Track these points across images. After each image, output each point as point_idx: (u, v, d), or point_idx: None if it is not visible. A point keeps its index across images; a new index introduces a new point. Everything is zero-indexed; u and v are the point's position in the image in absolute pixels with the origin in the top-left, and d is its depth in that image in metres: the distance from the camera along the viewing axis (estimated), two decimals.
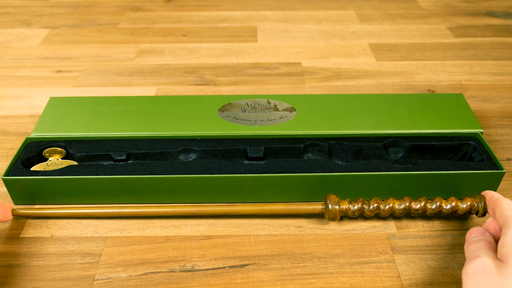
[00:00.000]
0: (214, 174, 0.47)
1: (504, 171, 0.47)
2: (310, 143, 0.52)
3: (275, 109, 0.55)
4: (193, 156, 0.52)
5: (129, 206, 0.49)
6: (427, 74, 0.73)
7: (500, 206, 0.38)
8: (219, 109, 0.56)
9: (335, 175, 0.47)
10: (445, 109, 0.56)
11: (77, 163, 0.50)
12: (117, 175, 0.47)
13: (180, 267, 0.43)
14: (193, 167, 0.48)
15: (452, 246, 0.45)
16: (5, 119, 0.63)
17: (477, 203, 0.44)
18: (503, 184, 0.52)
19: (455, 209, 0.45)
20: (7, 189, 0.48)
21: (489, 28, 0.87)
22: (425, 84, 0.70)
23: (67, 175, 0.47)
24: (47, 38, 0.84)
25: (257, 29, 0.87)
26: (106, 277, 0.42)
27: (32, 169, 0.49)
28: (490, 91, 0.69)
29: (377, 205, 0.45)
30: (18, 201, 0.49)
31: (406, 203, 0.45)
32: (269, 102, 0.57)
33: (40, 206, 0.49)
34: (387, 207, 0.45)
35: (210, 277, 0.42)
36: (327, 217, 0.45)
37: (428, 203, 0.45)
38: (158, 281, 0.42)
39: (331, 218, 0.45)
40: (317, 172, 0.48)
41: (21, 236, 0.46)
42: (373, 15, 0.93)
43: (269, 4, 0.98)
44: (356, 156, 0.51)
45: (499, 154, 0.56)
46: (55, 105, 0.57)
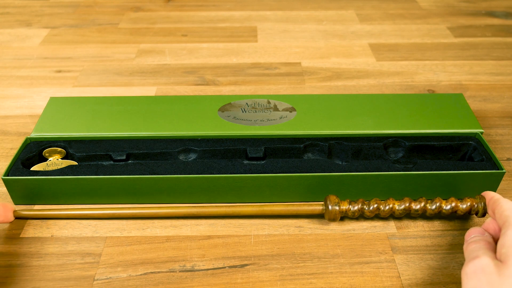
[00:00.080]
0: (214, 174, 0.47)
1: (504, 171, 0.47)
2: (310, 143, 0.52)
3: (275, 109, 0.55)
4: (193, 156, 0.52)
5: (129, 207, 0.49)
6: (427, 74, 0.73)
7: (500, 206, 0.38)
8: (219, 109, 0.56)
9: (335, 175, 0.47)
10: (445, 109, 0.56)
11: (77, 163, 0.50)
12: (117, 175, 0.47)
13: (180, 267, 0.43)
14: (193, 167, 0.48)
15: (452, 246, 0.45)
16: (5, 119, 0.63)
17: (477, 204, 0.44)
18: (503, 184, 0.52)
19: (455, 210, 0.45)
20: (7, 189, 0.48)
21: (489, 28, 0.87)
22: (425, 84, 0.70)
23: (67, 175, 0.47)
24: (47, 38, 0.84)
25: (257, 29, 0.87)
26: (106, 277, 0.42)
27: (32, 169, 0.49)
28: (490, 91, 0.69)
29: (377, 205, 0.45)
30: (18, 201, 0.49)
31: (406, 203, 0.45)
32: (269, 102, 0.57)
33: (41, 207, 0.49)
34: (387, 208, 0.45)
35: (210, 277, 0.42)
36: (327, 217, 0.45)
37: (428, 203, 0.45)
38: (158, 281, 0.42)
39: (331, 219, 0.45)
40: (317, 172, 0.48)
41: (21, 236, 0.46)
42: (373, 15, 0.93)
43: (269, 4, 0.98)
44: (356, 156, 0.51)
45: (499, 154, 0.56)
46: (55, 105, 0.57)
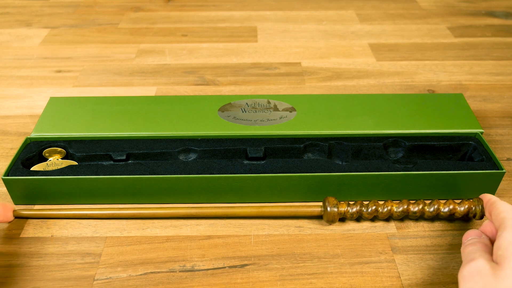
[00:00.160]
0: (214, 174, 0.47)
1: (504, 171, 0.47)
2: (310, 143, 0.52)
3: (275, 109, 0.55)
4: (193, 156, 0.52)
5: (129, 207, 0.49)
6: (427, 74, 0.73)
7: (497, 208, 0.38)
8: (219, 109, 0.56)
9: (335, 175, 0.47)
10: (445, 109, 0.56)
11: (77, 163, 0.50)
12: (117, 175, 0.47)
13: (180, 267, 0.43)
14: (193, 167, 0.48)
15: (452, 246, 0.45)
16: (5, 119, 0.63)
17: (474, 206, 0.44)
18: (503, 184, 0.52)
19: (453, 212, 0.45)
20: (7, 189, 0.48)
21: (489, 28, 0.87)
22: (425, 84, 0.70)
23: (67, 175, 0.47)
24: (47, 38, 0.84)
25: (257, 29, 0.87)
26: (106, 277, 0.42)
27: (32, 169, 0.49)
28: (490, 91, 0.69)
29: (375, 207, 0.45)
30: (18, 201, 0.49)
31: (404, 206, 0.45)
32: (269, 102, 0.57)
33: (40, 207, 0.49)
34: (385, 210, 0.45)
35: (210, 277, 0.42)
36: (325, 219, 0.45)
37: (426, 206, 0.45)
38: (158, 281, 0.42)
39: (329, 221, 0.45)
40: (317, 172, 0.48)
41: (21, 236, 0.46)
42: (373, 15, 0.93)
43: (269, 4, 0.98)
44: (356, 156, 0.51)
45: (499, 154, 0.56)
46: (55, 105, 0.57)
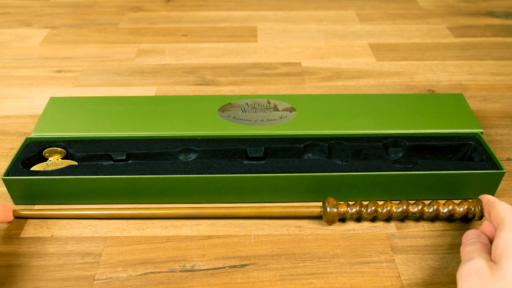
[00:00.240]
0: (214, 174, 0.47)
1: (504, 171, 0.47)
2: (310, 143, 0.52)
3: (275, 109, 0.55)
4: (193, 156, 0.52)
5: (129, 207, 0.49)
6: (427, 74, 0.73)
7: (496, 208, 0.38)
8: (219, 109, 0.56)
9: (335, 175, 0.47)
10: (445, 109, 0.56)
11: (77, 163, 0.50)
12: (117, 175, 0.47)
13: (180, 267, 0.43)
14: (193, 167, 0.48)
15: (452, 246, 0.45)
16: (5, 119, 0.63)
17: (474, 207, 0.44)
18: (503, 184, 0.52)
19: (452, 213, 0.45)
20: (7, 189, 0.48)
21: (489, 28, 0.87)
22: (425, 84, 0.70)
23: (67, 175, 0.47)
24: (47, 38, 0.84)
25: (257, 29, 0.87)
26: (106, 277, 0.42)
27: (32, 169, 0.49)
28: (490, 91, 0.69)
29: (375, 208, 0.45)
30: (18, 201, 0.49)
31: (404, 206, 0.45)
32: (269, 102, 0.57)
33: (40, 207, 0.49)
34: (384, 211, 0.45)
35: (210, 277, 0.42)
36: (325, 219, 0.46)
37: (426, 206, 0.45)
38: (158, 281, 0.42)
39: (329, 221, 0.45)
40: (317, 172, 0.48)
41: (21, 236, 0.46)
42: (373, 15, 0.93)
43: (269, 4, 0.98)
44: (356, 156, 0.51)
45: (499, 154, 0.56)
46: (55, 105, 0.57)
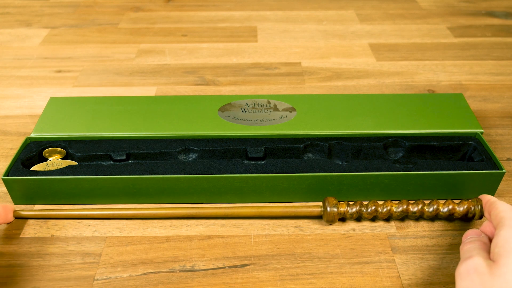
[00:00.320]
0: (214, 174, 0.47)
1: (504, 171, 0.47)
2: (310, 143, 0.52)
3: (275, 109, 0.55)
4: (193, 156, 0.52)
5: (129, 207, 0.49)
6: (427, 74, 0.73)
7: (496, 208, 0.38)
8: (219, 109, 0.56)
9: (335, 175, 0.47)
10: (445, 109, 0.56)
11: (77, 163, 0.50)
12: (117, 175, 0.47)
13: (180, 267, 0.43)
14: (193, 167, 0.48)
15: (452, 246, 0.45)
16: (5, 119, 0.63)
17: (473, 206, 0.44)
18: (503, 184, 0.52)
19: (452, 212, 0.45)
20: (7, 189, 0.48)
21: (489, 28, 0.87)
22: (425, 84, 0.70)
23: (67, 175, 0.47)
24: (47, 38, 0.84)
25: (257, 29, 0.87)
26: (106, 277, 0.42)
27: (32, 169, 0.49)
28: (490, 91, 0.69)
29: (375, 207, 0.45)
30: (18, 201, 0.49)
31: (404, 206, 0.45)
32: (269, 102, 0.57)
33: (40, 207, 0.49)
34: (384, 210, 0.45)
35: (210, 277, 0.42)
36: (325, 219, 0.46)
37: (426, 206, 0.45)
38: (158, 281, 0.42)
39: (329, 221, 0.45)
40: (317, 172, 0.48)
41: (21, 236, 0.46)
42: (373, 15, 0.93)
43: (269, 4, 0.98)
44: (356, 156, 0.51)
45: (499, 154, 0.56)
46: (55, 105, 0.57)
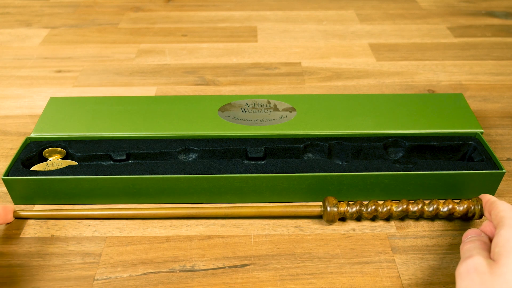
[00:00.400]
0: (214, 174, 0.47)
1: (504, 171, 0.47)
2: (310, 143, 0.52)
3: (275, 109, 0.55)
4: (193, 156, 0.52)
5: (129, 207, 0.49)
6: (427, 74, 0.73)
7: (496, 207, 0.38)
8: (219, 109, 0.56)
9: (335, 175, 0.47)
10: (445, 109, 0.56)
11: (77, 163, 0.50)
12: (117, 175, 0.47)
13: (180, 267, 0.43)
14: (193, 167, 0.48)
15: (452, 246, 0.45)
16: (5, 119, 0.63)
17: (473, 206, 0.44)
18: (503, 184, 0.52)
19: (452, 212, 0.45)
20: (7, 189, 0.48)
21: (489, 28, 0.87)
22: (425, 84, 0.70)
23: (67, 175, 0.47)
24: (47, 38, 0.84)
25: (257, 29, 0.87)
26: (106, 277, 0.42)
27: (32, 169, 0.49)
28: (490, 91, 0.69)
29: (375, 207, 0.45)
30: (18, 201, 0.49)
31: (404, 205, 0.45)
32: (269, 102, 0.57)
33: (40, 207, 0.49)
34: (384, 210, 0.45)
35: (210, 277, 0.42)
36: (325, 219, 0.46)
37: (426, 205, 0.45)
38: (158, 281, 0.42)
39: (329, 221, 0.45)
40: (317, 172, 0.48)
41: (21, 236, 0.46)
42: (373, 15, 0.93)
43: (269, 4, 0.98)
44: (356, 156, 0.51)
45: (499, 154, 0.56)
46: (55, 105, 0.57)
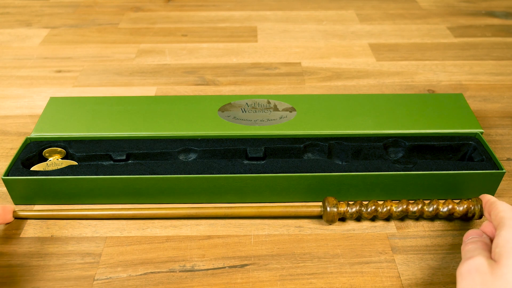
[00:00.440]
0: (214, 174, 0.47)
1: (504, 171, 0.47)
2: (310, 143, 0.52)
3: (275, 109, 0.55)
4: (193, 156, 0.52)
5: (129, 207, 0.49)
6: (427, 74, 0.73)
7: (496, 208, 0.38)
8: (219, 109, 0.56)
9: (335, 175, 0.47)
10: (445, 109, 0.56)
11: (77, 163, 0.50)
12: (117, 175, 0.47)
13: (180, 267, 0.43)
14: (193, 167, 0.48)
15: (452, 246, 0.45)
16: (5, 119, 0.63)
17: (473, 206, 0.44)
18: (503, 184, 0.52)
19: (452, 212, 0.45)
20: (7, 189, 0.48)
21: (489, 28, 0.87)
22: (425, 84, 0.70)
23: (67, 175, 0.47)
24: (47, 38, 0.84)
25: (257, 29, 0.87)
26: (106, 277, 0.42)
27: (32, 169, 0.49)
28: (490, 91, 0.69)
29: (375, 207, 0.45)
30: (18, 201, 0.49)
31: (404, 205, 0.45)
32: (269, 102, 0.57)
33: (40, 207, 0.49)
34: (384, 210, 0.45)
35: (210, 277, 0.42)
36: (325, 219, 0.46)
37: (425, 205, 0.45)
38: (158, 281, 0.42)
39: (329, 221, 0.45)
40: (317, 172, 0.48)
41: (21, 236, 0.46)
42: (373, 15, 0.93)
43: (269, 4, 0.98)
44: (356, 156, 0.51)
45: (499, 154, 0.56)
46: (55, 105, 0.57)
